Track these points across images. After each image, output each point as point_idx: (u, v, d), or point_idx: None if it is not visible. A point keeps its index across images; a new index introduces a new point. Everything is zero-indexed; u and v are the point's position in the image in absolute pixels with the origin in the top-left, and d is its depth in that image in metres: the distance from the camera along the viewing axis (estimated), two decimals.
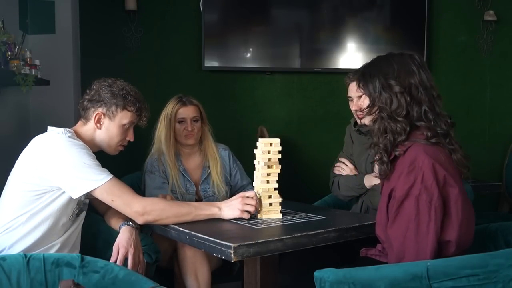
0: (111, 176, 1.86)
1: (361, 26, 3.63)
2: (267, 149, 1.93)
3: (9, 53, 2.35)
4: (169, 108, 2.55)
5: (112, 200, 1.86)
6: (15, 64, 2.37)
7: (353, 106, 2.44)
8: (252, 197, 1.93)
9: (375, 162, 1.74)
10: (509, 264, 1.38)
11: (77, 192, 1.83)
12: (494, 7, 3.67)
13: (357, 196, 2.45)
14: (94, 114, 1.98)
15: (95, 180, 1.83)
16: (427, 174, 1.55)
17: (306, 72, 3.64)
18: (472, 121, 3.86)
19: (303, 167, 3.64)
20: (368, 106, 1.72)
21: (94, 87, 2.02)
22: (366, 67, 1.76)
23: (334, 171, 2.56)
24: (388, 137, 1.65)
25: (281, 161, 1.94)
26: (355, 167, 2.51)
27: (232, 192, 2.60)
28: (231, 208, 1.91)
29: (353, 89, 2.42)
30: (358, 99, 2.40)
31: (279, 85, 3.67)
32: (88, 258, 1.71)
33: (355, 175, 2.47)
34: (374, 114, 1.70)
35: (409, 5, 3.64)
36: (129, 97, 2.00)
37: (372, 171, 2.42)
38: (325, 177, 2.66)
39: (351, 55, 3.60)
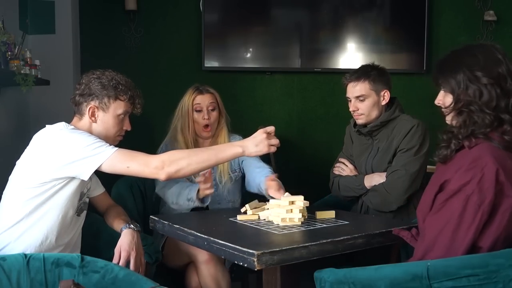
0: (116, 147, 1.82)
1: (361, 26, 3.63)
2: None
3: (9, 53, 2.36)
4: (186, 97, 2.55)
5: (127, 167, 1.79)
6: (15, 64, 2.37)
7: (351, 107, 2.44)
8: (272, 133, 1.86)
9: (440, 145, 1.63)
10: (509, 264, 1.38)
11: (87, 172, 1.79)
12: (494, 7, 3.67)
13: (357, 196, 2.45)
14: (87, 108, 1.95)
15: (101, 153, 1.78)
16: (487, 177, 1.47)
17: (306, 72, 3.64)
18: None
19: (303, 167, 3.64)
20: (451, 104, 1.60)
21: (83, 81, 1.99)
22: (444, 62, 1.64)
23: (334, 171, 2.56)
24: (469, 128, 1.55)
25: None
26: (355, 167, 2.52)
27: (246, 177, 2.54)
28: (257, 144, 1.82)
29: (351, 90, 2.42)
30: (356, 100, 2.41)
31: (279, 85, 3.66)
32: (88, 258, 1.71)
33: (355, 175, 2.47)
34: (458, 109, 1.58)
35: (409, 5, 3.63)
36: (120, 87, 1.97)
37: (372, 171, 2.42)
38: (325, 177, 2.65)
39: (351, 55, 3.60)
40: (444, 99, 1.65)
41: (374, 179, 2.36)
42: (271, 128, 1.87)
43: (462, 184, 1.49)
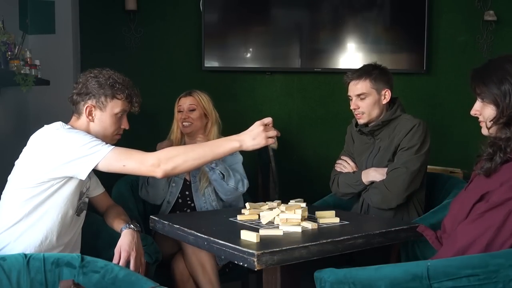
0: (112, 146, 1.81)
1: (361, 26, 3.63)
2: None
3: (9, 53, 2.35)
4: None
5: (124, 166, 1.77)
6: (15, 64, 2.37)
7: (352, 105, 2.44)
8: (269, 124, 1.80)
9: (482, 157, 1.58)
10: (509, 264, 1.38)
11: (84, 172, 1.78)
12: (494, 7, 3.66)
13: (356, 194, 2.45)
14: (85, 107, 1.95)
15: (97, 152, 1.77)
16: None
17: (306, 72, 3.64)
18: (472, 121, 3.82)
19: (303, 167, 3.64)
20: (496, 116, 1.55)
21: (81, 80, 1.98)
22: (483, 71, 1.59)
23: (335, 168, 2.56)
24: None
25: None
26: (356, 165, 2.52)
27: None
28: (254, 137, 1.77)
29: (352, 88, 2.43)
30: (357, 98, 2.41)
31: (279, 85, 3.66)
32: (88, 258, 1.71)
33: (353, 171, 2.47)
34: (506, 123, 1.53)
35: (409, 5, 3.63)
36: (117, 85, 1.96)
37: None
38: (325, 177, 2.65)
39: (351, 55, 3.60)
40: (482, 110, 1.60)
41: (370, 174, 2.36)
42: (268, 120, 1.81)
43: (507, 198, 1.46)
